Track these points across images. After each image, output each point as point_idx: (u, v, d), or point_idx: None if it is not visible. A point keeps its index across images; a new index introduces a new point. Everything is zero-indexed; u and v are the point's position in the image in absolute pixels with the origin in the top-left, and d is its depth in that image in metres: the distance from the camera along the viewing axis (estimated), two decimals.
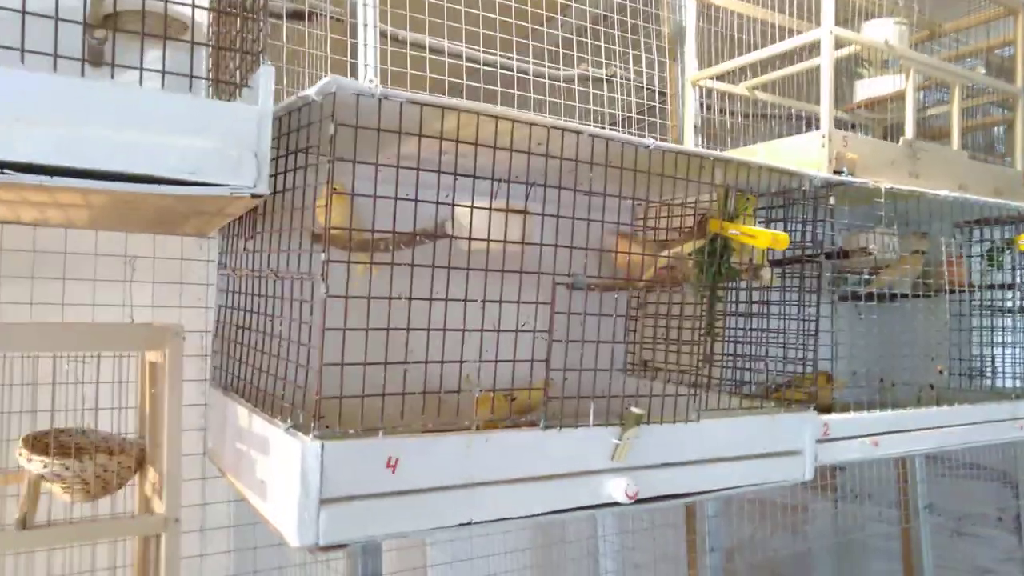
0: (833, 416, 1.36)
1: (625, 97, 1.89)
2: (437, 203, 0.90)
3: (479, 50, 1.63)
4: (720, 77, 1.85)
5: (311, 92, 0.85)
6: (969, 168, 1.70)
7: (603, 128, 1.86)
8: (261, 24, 0.87)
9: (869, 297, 1.64)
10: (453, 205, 0.92)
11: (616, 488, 1.04)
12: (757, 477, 1.22)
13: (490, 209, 0.93)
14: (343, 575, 1.33)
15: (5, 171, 0.72)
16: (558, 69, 1.91)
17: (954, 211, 1.79)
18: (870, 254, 1.47)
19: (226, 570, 1.32)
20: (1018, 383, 1.86)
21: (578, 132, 1.00)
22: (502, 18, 1.66)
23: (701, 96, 1.94)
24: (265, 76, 0.85)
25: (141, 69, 0.80)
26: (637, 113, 1.95)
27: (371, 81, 1.46)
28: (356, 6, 1.48)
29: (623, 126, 1.97)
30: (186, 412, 1.21)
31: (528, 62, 1.75)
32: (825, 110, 1.45)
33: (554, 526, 1.97)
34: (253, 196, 0.84)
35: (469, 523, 0.94)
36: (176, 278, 1.24)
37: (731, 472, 1.19)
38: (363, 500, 0.86)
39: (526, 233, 1.04)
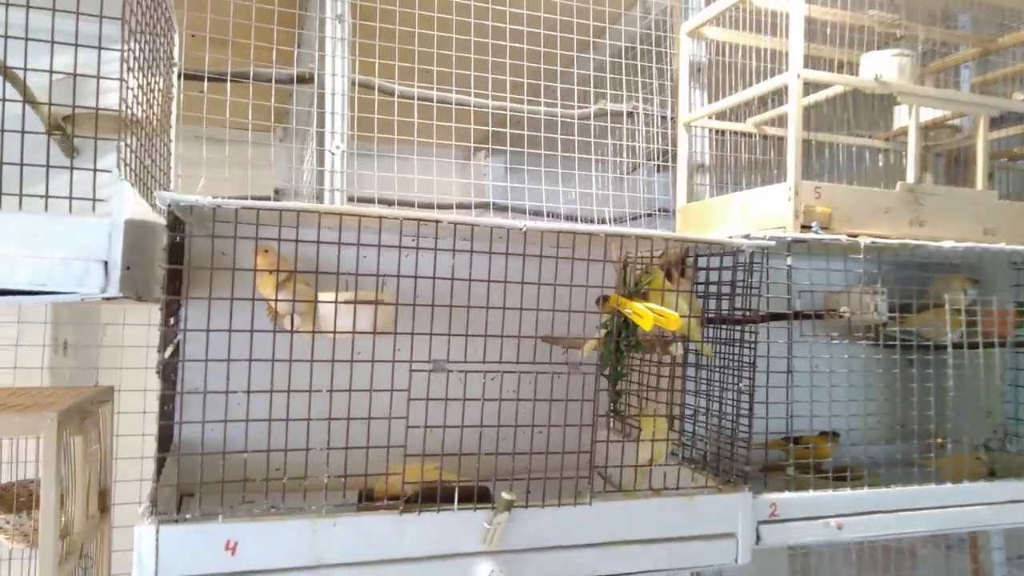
0: (782, 495, 1.26)
1: (634, 143, 1.85)
2: (277, 300, 0.95)
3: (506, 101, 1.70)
4: (721, 115, 1.76)
5: (157, 200, 0.93)
6: (999, 210, 1.50)
7: (620, 163, 1.83)
8: (122, 142, 0.96)
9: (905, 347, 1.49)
10: (294, 301, 0.97)
11: (482, 574, 1.04)
12: (669, 561, 1.16)
13: (335, 303, 0.97)
14: None
15: None
16: (573, 108, 1.91)
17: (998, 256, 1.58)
18: (842, 316, 1.34)
19: None
20: None
21: (437, 221, 1.01)
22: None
23: (711, 134, 1.87)
24: (118, 191, 0.94)
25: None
26: (656, 147, 1.91)
27: (320, 159, 1.54)
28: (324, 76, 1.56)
29: (639, 166, 1.93)
30: (135, 464, 1.36)
31: (542, 103, 1.78)
32: (792, 160, 1.34)
33: None
34: (106, 299, 0.94)
35: None
36: (117, 341, 1.38)
37: (636, 555, 1.14)
38: None
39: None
